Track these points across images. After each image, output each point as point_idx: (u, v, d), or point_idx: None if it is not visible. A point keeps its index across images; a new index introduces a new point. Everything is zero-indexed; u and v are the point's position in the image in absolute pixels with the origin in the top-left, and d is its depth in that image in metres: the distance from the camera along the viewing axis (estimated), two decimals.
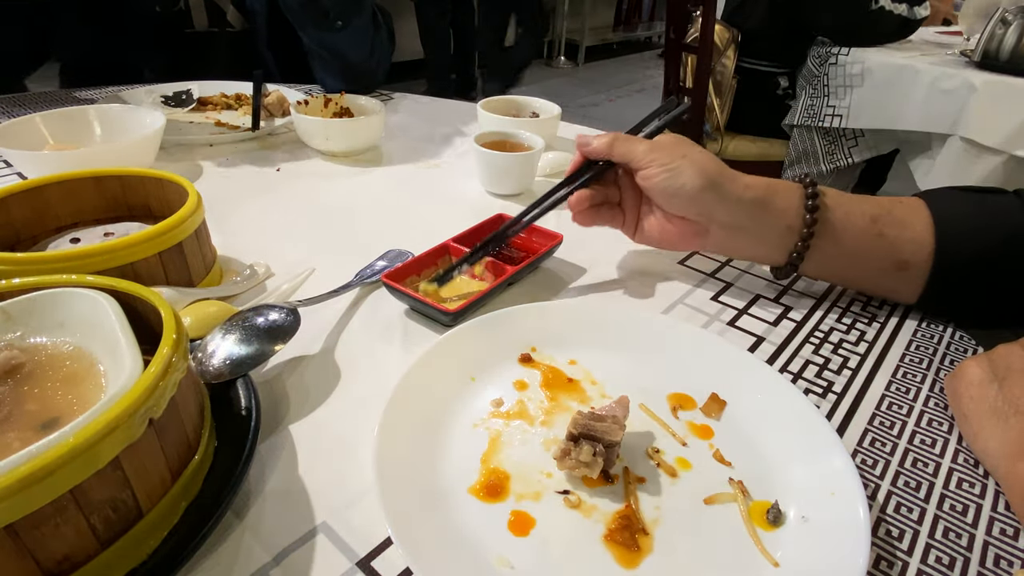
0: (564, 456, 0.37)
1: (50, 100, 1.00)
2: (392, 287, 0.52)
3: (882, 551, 0.35)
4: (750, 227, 0.53)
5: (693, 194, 0.51)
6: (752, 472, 0.39)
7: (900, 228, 0.51)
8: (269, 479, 0.37)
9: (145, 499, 0.30)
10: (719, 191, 0.51)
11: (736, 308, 0.57)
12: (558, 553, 0.33)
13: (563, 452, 0.37)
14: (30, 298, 0.35)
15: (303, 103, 0.89)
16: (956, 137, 1.70)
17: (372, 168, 0.85)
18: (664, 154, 0.52)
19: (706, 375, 0.46)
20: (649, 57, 5.99)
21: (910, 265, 0.52)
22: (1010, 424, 0.39)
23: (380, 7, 1.12)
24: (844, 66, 1.90)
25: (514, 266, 0.56)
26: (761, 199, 0.52)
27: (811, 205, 0.51)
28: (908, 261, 0.52)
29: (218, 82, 1.05)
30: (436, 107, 1.13)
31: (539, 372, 0.46)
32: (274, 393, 0.44)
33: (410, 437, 0.38)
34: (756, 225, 0.53)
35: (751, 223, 0.53)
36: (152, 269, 0.48)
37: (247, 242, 0.63)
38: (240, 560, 0.33)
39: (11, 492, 0.24)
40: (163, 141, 0.82)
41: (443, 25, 3.83)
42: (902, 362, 0.51)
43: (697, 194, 0.51)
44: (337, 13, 0.96)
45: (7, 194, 0.51)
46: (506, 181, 0.77)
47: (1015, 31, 1.65)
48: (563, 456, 0.37)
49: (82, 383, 0.33)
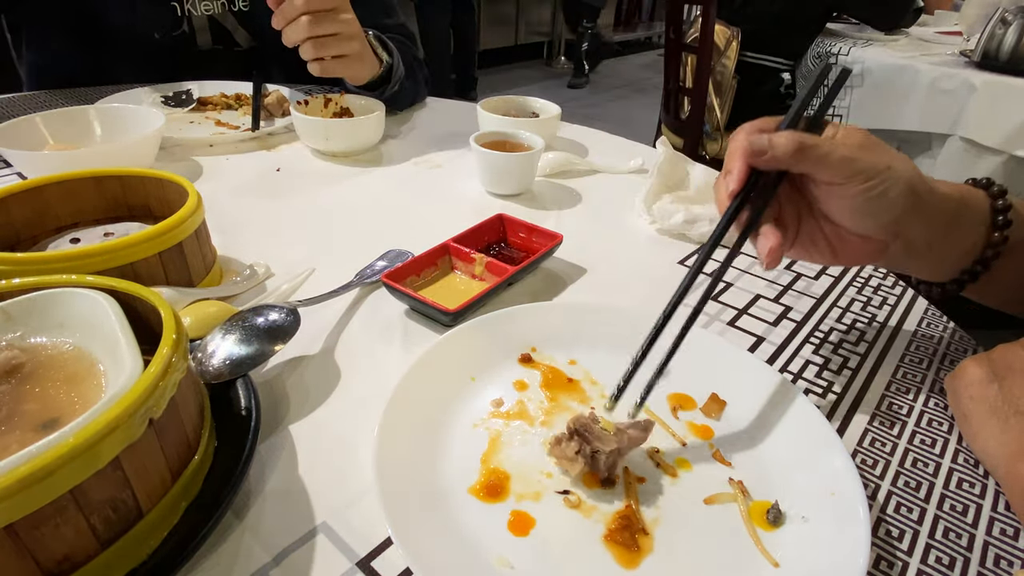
0: (555, 444, 0.38)
1: (50, 100, 1.00)
2: (392, 287, 0.52)
3: (882, 551, 0.35)
4: (937, 244, 0.44)
5: (898, 214, 0.41)
6: (752, 472, 0.39)
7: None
8: (269, 479, 0.37)
9: (145, 499, 0.30)
10: (922, 208, 0.42)
11: (736, 308, 0.57)
12: (558, 553, 0.33)
13: (556, 440, 0.38)
14: (30, 298, 0.35)
15: (303, 103, 0.89)
16: (956, 137, 1.70)
17: (372, 168, 0.85)
18: (866, 163, 0.40)
19: (706, 375, 0.46)
20: (649, 57, 5.99)
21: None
22: (1010, 424, 0.39)
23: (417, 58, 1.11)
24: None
25: (514, 266, 0.56)
26: (955, 212, 0.44)
27: (1001, 221, 0.43)
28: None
29: (218, 82, 1.05)
30: (436, 107, 1.13)
31: (539, 372, 0.46)
32: (274, 393, 0.44)
33: (410, 437, 0.38)
34: (943, 242, 0.44)
35: (941, 240, 0.44)
36: (152, 269, 0.48)
37: (247, 242, 0.63)
38: (240, 560, 0.33)
39: (11, 492, 0.24)
40: (163, 141, 0.82)
41: (443, 25, 3.83)
42: (902, 362, 0.51)
43: (902, 215, 0.41)
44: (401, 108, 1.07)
45: (7, 194, 0.51)
46: (506, 181, 0.77)
47: (1015, 31, 1.65)
48: (555, 443, 0.38)
49: (82, 383, 0.33)
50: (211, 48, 1.09)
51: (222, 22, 1.08)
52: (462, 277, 0.58)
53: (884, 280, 0.63)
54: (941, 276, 0.47)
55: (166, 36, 1.03)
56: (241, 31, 1.10)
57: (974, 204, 0.45)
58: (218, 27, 1.08)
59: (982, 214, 0.44)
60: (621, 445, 0.37)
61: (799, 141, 0.39)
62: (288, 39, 0.82)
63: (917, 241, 0.43)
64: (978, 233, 0.44)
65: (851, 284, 0.62)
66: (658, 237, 0.70)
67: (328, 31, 0.82)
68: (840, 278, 0.63)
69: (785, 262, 0.65)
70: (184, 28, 1.05)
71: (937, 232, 0.44)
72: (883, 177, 0.40)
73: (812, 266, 0.64)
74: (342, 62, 0.86)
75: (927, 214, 0.42)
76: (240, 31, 1.10)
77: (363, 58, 0.90)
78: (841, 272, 0.64)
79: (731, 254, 0.42)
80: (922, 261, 0.46)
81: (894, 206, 0.41)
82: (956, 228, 0.44)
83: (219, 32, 1.09)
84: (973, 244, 0.44)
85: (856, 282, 0.62)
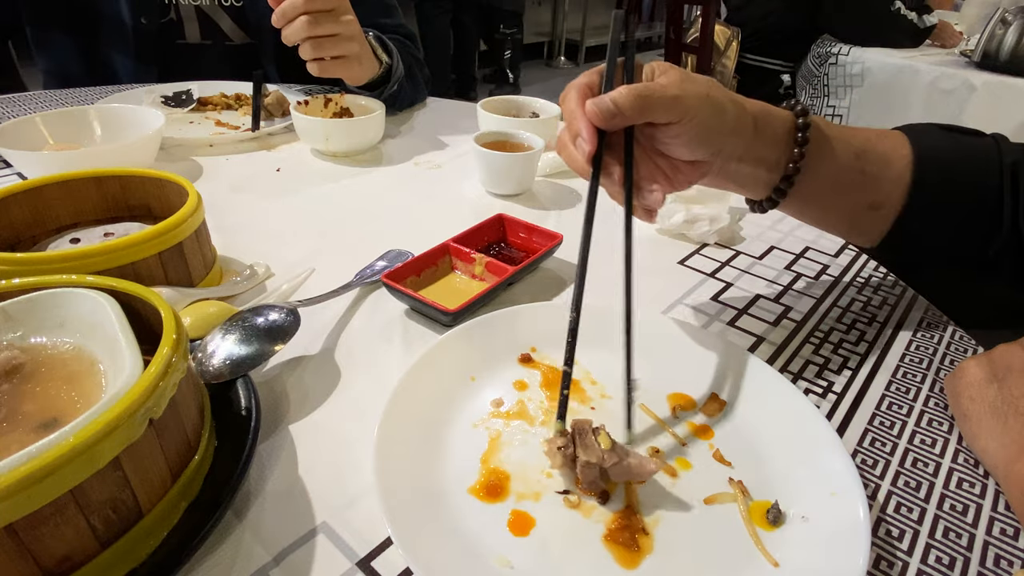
0: (554, 437, 0.37)
1: (50, 100, 1.00)
2: (392, 287, 0.52)
3: (882, 551, 0.35)
4: (747, 156, 0.47)
5: (727, 131, 0.44)
6: (752, 472, 0.39)
7: (882, 165, 0.49)
8: (269, 479, 0.37)
9: (145, 499, 0.30)
10: (739, 124, 0.45)
11: (736, 308, 0.57)
12: (558, 553, 0.33)
13: (557, 433, 0.38)
14: (30, 298, 0.35)
15: (303, 103, 0.89)
16: None
17: (372, 168, 0.85)
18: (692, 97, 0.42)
19: (706, 375, 0.46)
20: (649, 57, 5.98)
21: (883, 205, 0.50)
22: (1009, 424, 0.39)
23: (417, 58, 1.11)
24: (844, 66, 1.91)
25: (514, 266, 0.56)
26: (760, 123, 0.47)
27: (801, 138, 0.47)
28: (882, 201, 0.50)
29: (218, 82, 1.05)
30: (436, 107, 1.13)
31: (539, 372, 0.46)
32: (274, 393, 0.44)
33: (410, 437, 0.38)
34: (750, 154, 0.47)
35: (748, 151, 0.46)
36: (152, 269, 0.48)
37: (247, 242, 0.63)
38: (240, 560, 0.33)
39: (11, 492, 0.24)
40: (163, 141, 0.82)
41: (443, 25, 3.83)
42: (902, 362, 0.51)
43: (730, 133, 0.45)
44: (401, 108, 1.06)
45: (7, 194, 0.51)
46: (506, 181, 0.77)
47: (1015, 31, 1.65)
48: (554, 437, 0.37)
49: (82, 383, 0.33)
50: (200, 42, 1.09)
51: (211, 15, 1.08)
52: (462, 277, 0.58)
53: (884, 280, 0.63)
54: (756, 192, 0.50)
55: (152, 23, 1.04)
56: (232, 26, 1.11)
57: (778, 117, 0.48)
58: (207, 20, 1.09)
59: (784, 129, 0.47)
60: (603, 463, 0.36)
61: (638, 94, 0.41)
62: (287, 38, 0.82)
63: (732, 154, 0.46)
64: (780, 149, 0.47)
65: (851, 284, 0.62)
66: (658, 237, 0.70)
67: (327, 32, 0.82)
68: (840, 278, 0.63)
69: (786, 260, 0.65)
70: (172, 16, 1.06)
71: (746, 142, 0.46)
72: (710, 101, 0.43)
73: (812, 266, 0.64)
74: (341, 63, 0.86)
75: (737, 127, 0.45)
76: (231, 26, 1.10)
77: (362, 59, 0.89)
78: (841, 272, 0.64)
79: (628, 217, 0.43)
80: (738, 176, 0.48)
81: (723, 127, 0.44)
82: (760, 139, 0.46)
83: (208, 25, 1.09)
84: (777, 160, 0.47)
85: (856, 282, 0.62)
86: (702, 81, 0.45)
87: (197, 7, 1.07)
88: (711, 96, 0.44)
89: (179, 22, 1.07)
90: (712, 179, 0.48)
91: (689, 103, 0.42)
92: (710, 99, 0.43)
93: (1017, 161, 0.51)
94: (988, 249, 0.50)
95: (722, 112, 0.44)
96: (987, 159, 0.51)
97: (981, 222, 0.50)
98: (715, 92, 0.44)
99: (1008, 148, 0.52)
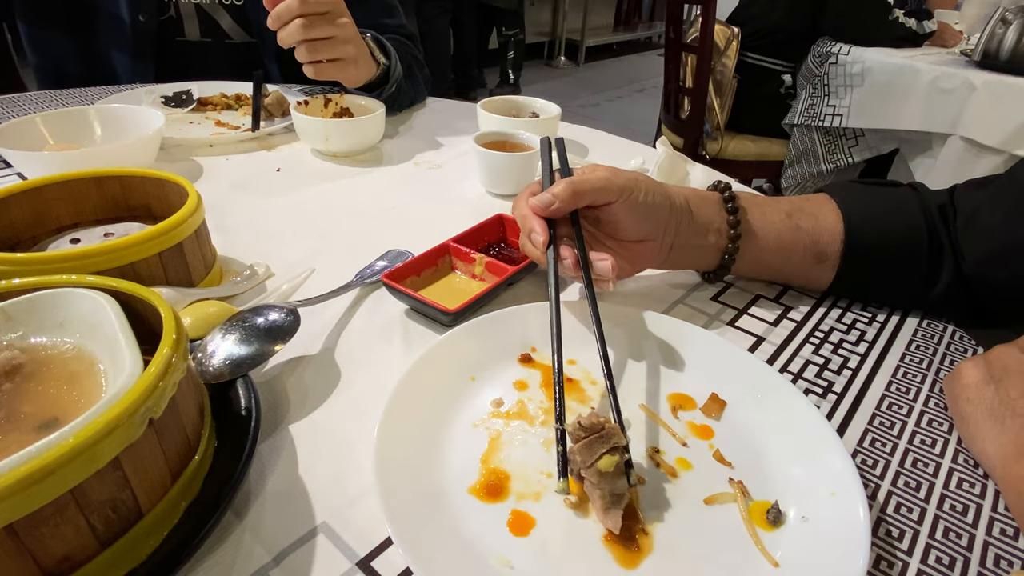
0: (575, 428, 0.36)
1: (50, 100, 1.00)
2: (392, 287, 0.52)
3: (882, 551, 0.35)
4: (688, 233, 0.53)
5: (664, 214, 0.51)
6: (752, 472, 0.39)
7: (814, 219, 0.55)
8: (269, 479, 0.37)
9: (145, 499, 0.30)
10: (672, 204, 0.52)
11: (736, 308, 0.57)
12: (558, 553, 0.33)
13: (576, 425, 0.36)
14: (30, 298, 0.35)
15: (303, 103, 0.89)
16: (956, 137, 1.70)
17: (372, 168, 0.85)
18: (621, 179, 0.50)
19: (706, 375, 0.46)
20: (649, 57, 5.99)
21: (826, 256, 0.55)
22: (1007, 426, 0.39)
23: (417, 58, 1.11)
24: (844, 66, 1.91)
25: (514, 266, 0.56)
26: (694, 204, 0.54)
27: (731, 207, 0.54)
28: (824, 252, 0.55)
29: (218, 82, 1.04)
30: (436, 107, 1.13)
31: (539, 372, 0.46)
32: (274, 393, 0.44)
33: (410, 437, 0.38)
34: (691, 230, 0.53)
35: (688, 228, 0.53)
36: (152, 269, 0.48)
37: (247, 242, 0.63)
38: (240, 560, 0.33)
39: (11, 492, 0.24)
40: (163, 141, 0.82)
41: (443, 24, 3.83)
42: (902, 362, 0.51)
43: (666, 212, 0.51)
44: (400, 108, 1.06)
45: (7, 194, 0.51)
46: (506, 181, 0.77)
47: (1015, 31, 1.65)
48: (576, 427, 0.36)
49: (82, 383, 0.33)
50: (200, 40, 1.08)
51: (211, 13, 1.08)
52: (462, 277, 0.58)
53: None
54: (710, 261, 0.56)
55: (151, 20, 1.03)
56: (232, 24, 1.10)
57: (707, 192, 0.55)
58: (207, 18, 1.08)
59: (716, 199, 0.55)
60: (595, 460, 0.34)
61: (570, 182, 0.48)
62: (283, 41, 0.82)
63: (678, 227, 0.53)
64: (721, 215, 0.54)
65: None
66: None
67: (323, 35, 0.82)
68: None
69: None
70: (171, 13, 1.05)
71: (687, 215, 0.53)
72: (639, 183, 0.50)
73: None
74: (337, 66, 0.86)
75: (674, 202, 0.52)
76: (231, 24, 1.10)
77: (359, 62, 0.89)
78: None
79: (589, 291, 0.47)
80: (689, 248, 0.54)
81: (657, 203, 0.50)
82: (703, 206, 0.54)
83: (208, 23, 1.08)
84: (719, 226, 0.54)
85: None
86: (630, 172, 0.52)
87: (197, 5, 1.06)
88: (639, 179, 0.51)
89: (179, 20, 1.06)
90: (669, 259, 0.55)
91: (618, 183, 0.49)
92: (639, 180, 0.50)
93: (943, 204, 0.55)
94: (932, 290, 0.54)
95: (654, 189, 0.51)
96: (910, 205, 0.55)
97: (919, 264, 0.54)
98: (643, 177, 0.51)
99: (929, 194, 0.56)
